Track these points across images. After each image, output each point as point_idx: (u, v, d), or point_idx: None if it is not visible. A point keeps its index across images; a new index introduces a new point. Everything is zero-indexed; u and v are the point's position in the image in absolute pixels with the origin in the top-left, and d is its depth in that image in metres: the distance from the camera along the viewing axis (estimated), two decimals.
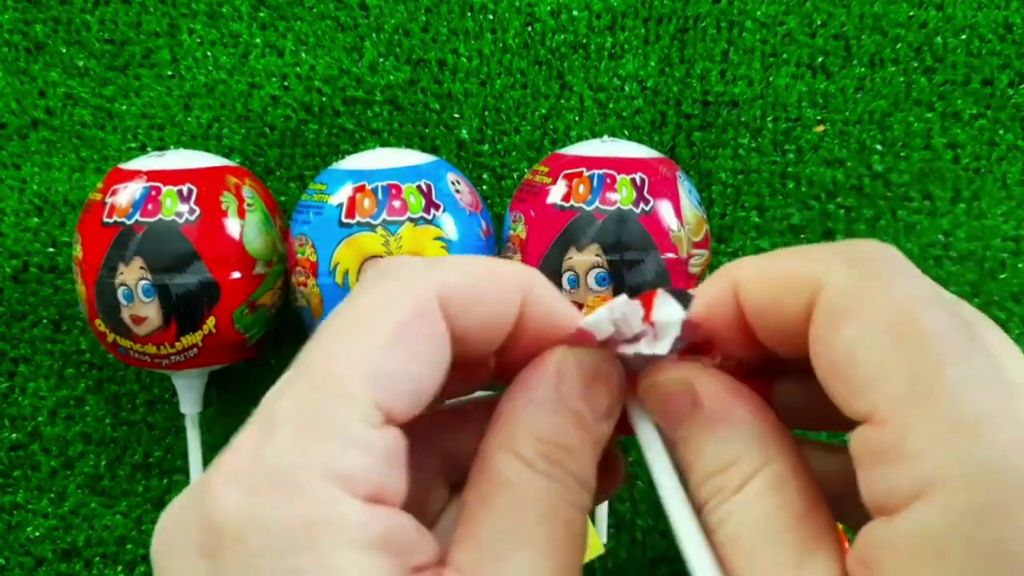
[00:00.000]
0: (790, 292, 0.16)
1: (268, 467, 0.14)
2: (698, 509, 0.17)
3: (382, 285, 0.16)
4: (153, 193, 0.37)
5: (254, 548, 0.14)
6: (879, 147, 0.44)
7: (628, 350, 0.18)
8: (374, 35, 0.46)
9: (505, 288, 0.17)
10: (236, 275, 0.37)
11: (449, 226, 0.37)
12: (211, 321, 0.37)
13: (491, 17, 0.45)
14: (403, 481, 0.15)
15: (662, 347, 0.18)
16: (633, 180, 0.36)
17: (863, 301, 0.15)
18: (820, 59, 0.44)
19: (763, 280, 0.17)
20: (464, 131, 0.45)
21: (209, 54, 0.46)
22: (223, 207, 0.38)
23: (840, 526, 0.19)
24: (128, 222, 0.36)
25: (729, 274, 0.17)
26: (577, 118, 0.45)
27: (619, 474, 0.20)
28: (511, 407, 0.17)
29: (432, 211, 0.37)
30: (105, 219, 0.37)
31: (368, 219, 0.36)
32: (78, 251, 0.38)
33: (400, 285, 0.16)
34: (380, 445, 0.15)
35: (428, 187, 0.37)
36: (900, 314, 0.14)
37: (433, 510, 0.20)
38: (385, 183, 0.37)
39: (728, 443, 0.17)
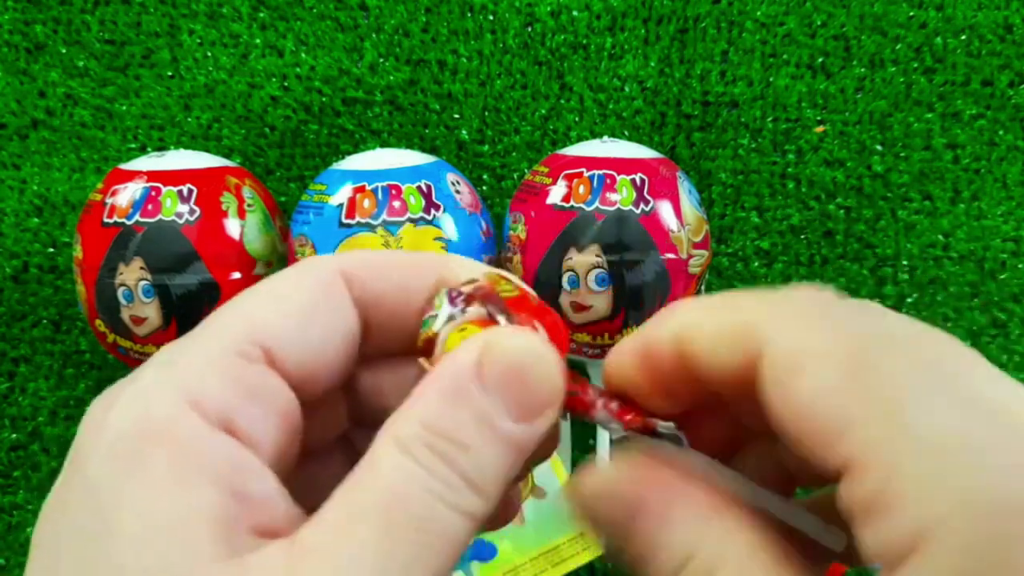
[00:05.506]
0: (731, 350, 0.15)
1: (133, 385, 0.15)
2: None
3: (291, 268, 0.18)
4: (153, 193, 0.37)
5: (89, 451, 0.14)
6: (879, 147, 0.44)
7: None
8: (374, 35, 0.46)
9: (417, 262, 0.18)
10: (236, 275, 0.37)
11: (449, 226, 0.37)
12: None
13: (491, 17, 0.45)
14: (265, 424, 0.15)
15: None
16: (633, 180, 0.36)
17: (809, 353, 0.14)
18: (820, 59, 0.44)
19: (706, 333, 0.16)
20: (464, 131, 0.45)
21: (209, 54, 0.46)
22: (223, 207, 0.38)
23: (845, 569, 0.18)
24: (128, 222, 0.36)
25: (670, 322, 0.17)
26: (577, 118, 0.45)
27: (509, 509, 0.19)
28: (413, 393, 0.16)
29: (432, 211, 0.37)
30: (105, 219, 0.37)
31: (368, 219, 0.36)
32: (78, 251, 0.38)
33: (305, 264, 0.17)
34: (249, 378, 0.15)
35: (428, 187, 0.37)
36: (850, 358, 0.14)
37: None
38: (385, 183, 0.37)
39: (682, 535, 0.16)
